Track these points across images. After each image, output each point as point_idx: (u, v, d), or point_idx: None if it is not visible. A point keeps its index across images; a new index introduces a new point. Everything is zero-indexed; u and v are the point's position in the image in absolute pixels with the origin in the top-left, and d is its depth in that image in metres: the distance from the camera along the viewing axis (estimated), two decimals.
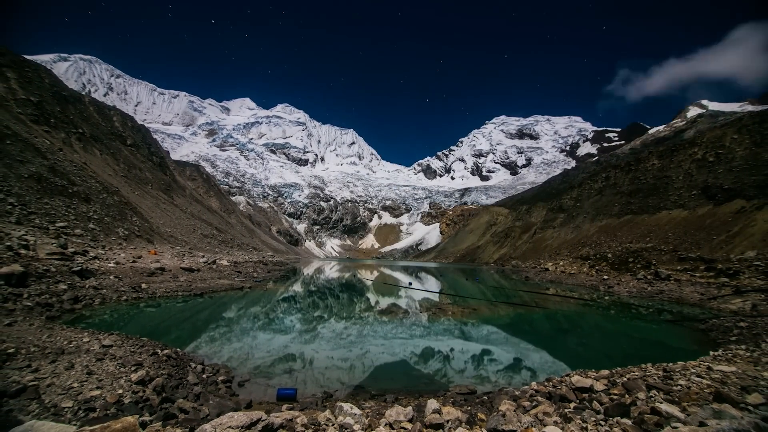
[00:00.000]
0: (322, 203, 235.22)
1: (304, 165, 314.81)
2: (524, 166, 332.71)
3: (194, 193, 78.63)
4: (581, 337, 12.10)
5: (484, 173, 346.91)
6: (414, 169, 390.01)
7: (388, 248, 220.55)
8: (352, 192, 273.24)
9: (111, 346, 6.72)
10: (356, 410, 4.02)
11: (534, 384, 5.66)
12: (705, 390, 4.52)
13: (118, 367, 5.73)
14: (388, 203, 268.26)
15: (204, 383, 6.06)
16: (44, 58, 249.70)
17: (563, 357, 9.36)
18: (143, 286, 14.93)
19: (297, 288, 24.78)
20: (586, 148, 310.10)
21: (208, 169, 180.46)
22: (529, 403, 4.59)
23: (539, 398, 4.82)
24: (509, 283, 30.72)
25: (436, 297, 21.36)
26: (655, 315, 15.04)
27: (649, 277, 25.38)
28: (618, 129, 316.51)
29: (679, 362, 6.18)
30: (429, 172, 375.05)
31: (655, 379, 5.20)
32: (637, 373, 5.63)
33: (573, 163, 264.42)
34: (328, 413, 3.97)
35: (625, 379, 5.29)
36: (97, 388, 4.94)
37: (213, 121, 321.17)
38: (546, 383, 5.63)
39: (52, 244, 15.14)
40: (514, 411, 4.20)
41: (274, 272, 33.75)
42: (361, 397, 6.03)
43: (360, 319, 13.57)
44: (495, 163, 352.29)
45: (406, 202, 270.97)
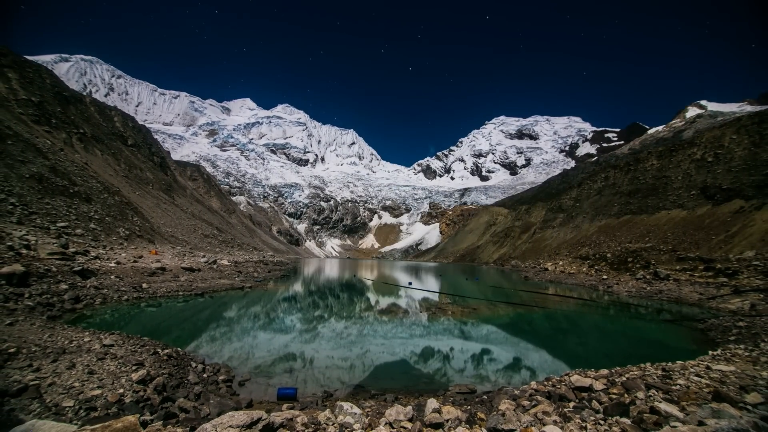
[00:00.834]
0: (322, 203, 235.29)
1: (304, 165, 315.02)
2: (524, 166, 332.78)
3: (195, 193, 78.67)
4: (580, 336, 12.12)
5: (483, 173, 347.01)
6: (414, 169, 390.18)
7: (388, 248, 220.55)
8: (352, 192, 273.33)
9: (112, 345, 6.74)
10: (356, 409, 4.04)
11: (533, 383, 5.68)
12: (704, 389, 4.54)
13: (119, 367, 5.75)
14: (388, 203, 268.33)
15: (204, 382, 6.08)
16: (45, 59, 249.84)
17: (562, 356, 9.38)
18: (144, 285, 14.96)
19: (297, 288, 24.79)
20: (586, 149, 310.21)
21: (209, 169, 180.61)
22: (528, 403, 4.61)
23: (539, 397, 4.83)
24: (509, 283, 30.73)
25: (435, 297, 21.37)
26: (654, 315, 15.07)
27: (648, 276, 25.40)
28: (617, 129, 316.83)
29: (678, 362, 6.19)
30: (429, 173, 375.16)
31: (654, 379, 5.22)
32: (636, 373, 5.64)
33: (572, 164, 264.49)
34: (328, 412, 3.99)
35: (624, 378, 5.31)
36: (98, 387, 4.97)
37: (213, 122, 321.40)
38: (545, 382, 5.64)
39: (54, 243, 15.17)
40: (514, 410, 4.22)
41: (275, 272, 33.77)
42: (361, 397, 6.05)
43: (360, 319, 13.59)
44: (494, 163, 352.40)
45: (406, 202, 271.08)
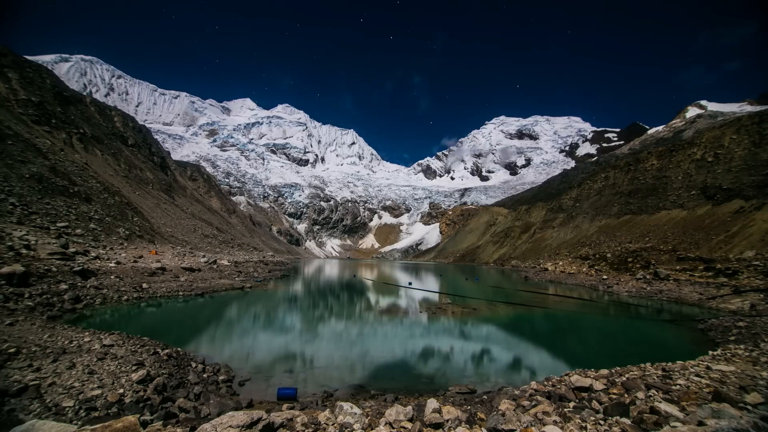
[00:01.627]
0: (322, 203, 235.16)
1: (304, 165, 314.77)
2: (524, 166, 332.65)
3: (195, 194, 78.67)
4: (580, 336, 12.12)
5: (483, 173, 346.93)
6: (414, 169, 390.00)
7: (388, 248, 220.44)
8: (352, 192, 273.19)
9: (112, 345, 6.74)
10: (356, 409, 4.04)
11: (533, 383, 5.68)
12: (704, 389, 4.54)
13: (119, 367, 5.75)
14: (388, 203, 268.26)
15: (205, 383, 6.08)
16: (45, 59, 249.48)
17: (562, 356, 9.38)
18: (144, 285, 14.96)
19: (297, 288, 24.80)
20: (586, 149, 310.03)
21: (209, 169, 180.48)
22: (528, 403, 4.61)
23: (539, 397, 4.83)
24: (509, 283, 30.73)
25: (436, 297, 21.37)
26: (654, 314, 15.07)
27: (648, 276, 25.39)
28: (617, 129, 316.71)
29: (678, 362, 6.20)
30: (429, 173, 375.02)
31: (654, 379, 5.22)
32: (636, 373, 5.64)
33: (572, 164, 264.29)
34: (328, 412, 3.99)
35: (625, 378, 5.31)
36: (99, 387, 4.97)
37: (214, 122, 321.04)
38: (545, 382, 5.64)
39: (54, 244, 15.17)
40: (514, 410, 4.22)
41: (275, 272, 33.78)
42: (361, 397, 6.05)
43: (360, 319, 13.59)
44: (494, 163, 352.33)
45: (406, 202, 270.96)
